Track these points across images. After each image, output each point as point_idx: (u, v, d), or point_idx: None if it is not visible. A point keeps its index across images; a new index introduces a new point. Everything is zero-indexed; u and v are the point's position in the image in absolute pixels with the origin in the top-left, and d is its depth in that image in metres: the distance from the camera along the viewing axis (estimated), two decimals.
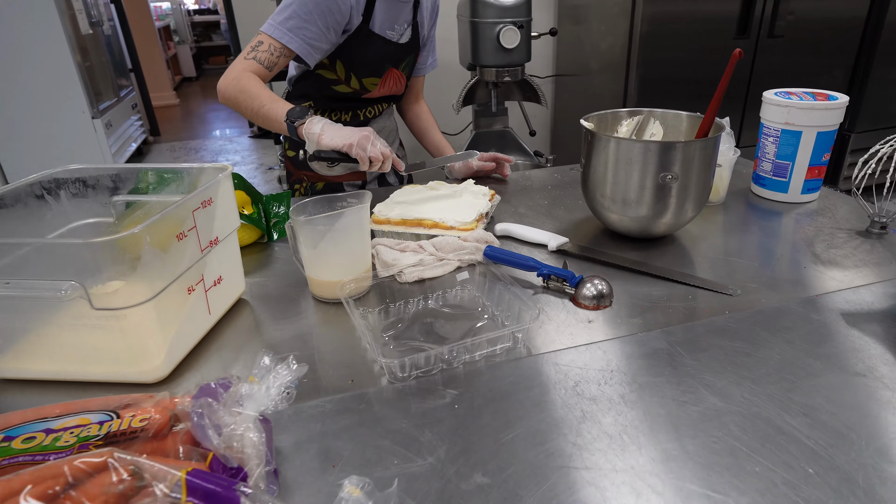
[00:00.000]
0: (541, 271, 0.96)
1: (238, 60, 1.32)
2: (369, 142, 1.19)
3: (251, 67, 1.30)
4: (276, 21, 1.31)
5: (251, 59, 1.31)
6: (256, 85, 1.28)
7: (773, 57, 2.77)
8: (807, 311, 0.86)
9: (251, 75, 1.29)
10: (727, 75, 0.98)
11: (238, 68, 1.30)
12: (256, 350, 0.85)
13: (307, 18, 1.29)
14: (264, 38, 1.31)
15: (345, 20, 1.35)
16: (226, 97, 1.31)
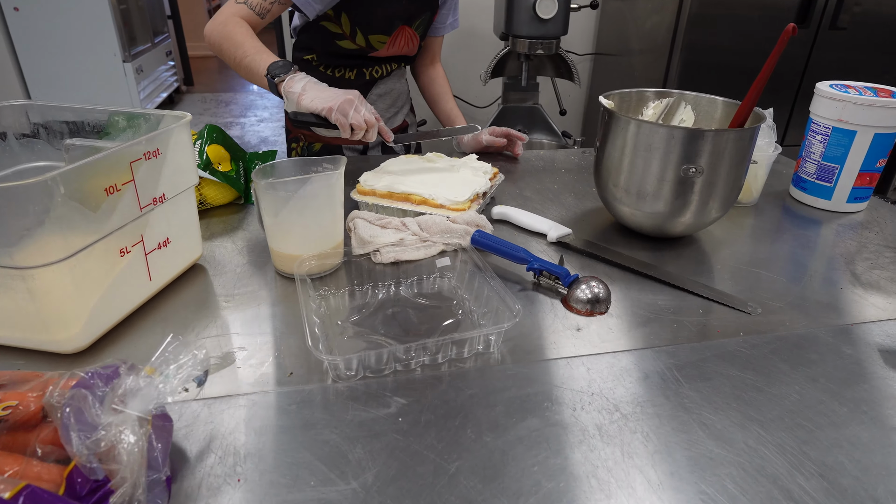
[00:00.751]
0: (531, 265, 0.84)
1: (227, 5, 1.18)
2: (352, 106, 1.04)
3: (241, 13, 1.17)
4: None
5: (242, 4, 1.18)
6: (242, 32, 1.15)
7: (833, 51, 2.55)
8: (838, 343, 0.72)
9: (239, 21, 1.16)
10: (776, 53, 0.83)
11: (227, 13, 1.17)
12: (206, 324, 0.75)
13: None
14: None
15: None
16: (210, 42, 1.17)
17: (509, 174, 1.27)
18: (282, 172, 0.88)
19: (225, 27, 1.15)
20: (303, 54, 1.42)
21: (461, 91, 3.03)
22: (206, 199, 1.07)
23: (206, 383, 0.55)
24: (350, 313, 0.78)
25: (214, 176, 1.05)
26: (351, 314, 0.78)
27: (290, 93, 1.06)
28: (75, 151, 0.89)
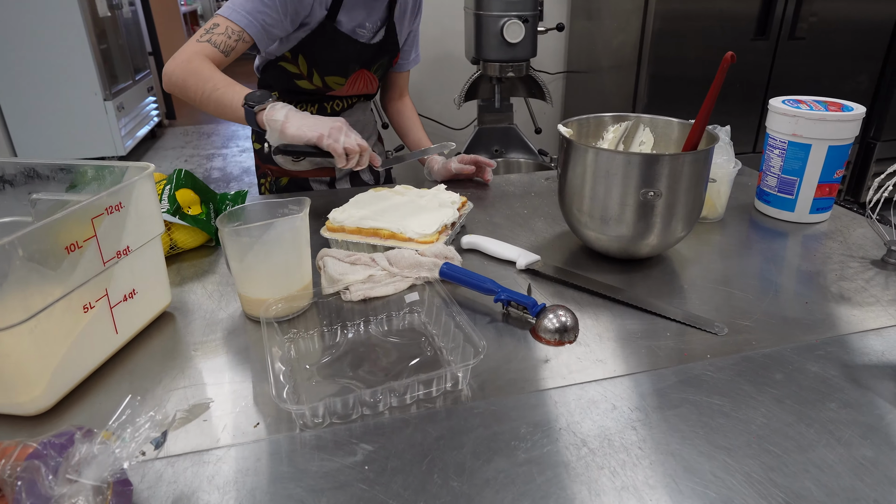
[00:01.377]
0: (499, 296, 0.84)
1: (189, 44, 1.15)
2: (342, 133, 1.03)
3: (205, 51, 1.14)
4: (233, 4, 1.17)
5: (205, 42, 1.15)
6: (210, 67, 1.12)
7: (794, 60, 2.60)
8: (803, 361, 0.73)
9: (204, 58, 1.13)
10: (717, 82, 0.85)
11: (189, 51, 1.14)
12: (174, 375, 0.75)
13: (269, 2, 1.16)
14: (220, 21, 1.16)
15: (305, 10, 1.22)
16: (172, 81, 1.13)
17: (480, 200, 1.28)
18: (248, 216, 0.89)
19: (189, 63, 1.12)
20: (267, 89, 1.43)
21: (437, 114, 3.06)
22: (176, 243, 1.07)
23: (164, 444, 0.55)
24: (319, 355, 0.78)
25: (184, 220, 1.05)
26: (321, 356, 0.78)
27: (273, 121, 1.04)
28: (41, 205, 0.88)
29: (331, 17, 1.26)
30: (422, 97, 3.00)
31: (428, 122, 3.04)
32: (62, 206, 0.86)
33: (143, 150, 4.99)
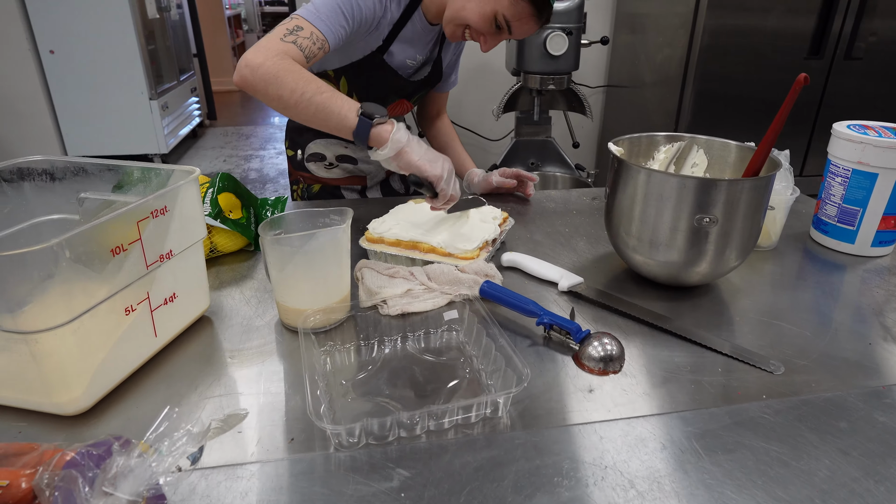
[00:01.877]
0: (541, 319, 0.81)
1: (272, 40, 1.05)
2: (453, 178, 1.04)
3: (291, 52, 1.03)
4: (317, 9, 1.09)
5: (290, 43, 1.04)
6: (303, 70, 1.03)
7: (849, 81, 2.52)
8: (870, 409, 0.69)
9: (292, 60, 1.03)
10: (788, 104, 0.81)
11: (277, 48, 1.03)
12: (210, 382, 0.74)
13: (348, 18, 1.12)
14: (304, 24, 1.07)
15: (366, 35, 1.20)
16: (260, 74, 1.01)
17: (520, 216, 1.26)
18: (289, 224, 0.88)
19: (283, 60, 1.02)
20: None
21: (475, 125, 3.04)
22: (216, 246, 1.06)
23: (201, 458, 0.53)
24: (356, 371, 0.76)
25: (225, 224, 1.05)
26: (356, 372, 0.76)
27: (397, 140, 0.99)
28: (88, 204, 0.89)
29: (382, 49, 1.25)
30: (460, 107, 2.99)
31: (465, 132, 3.03)
32: (108, 206, 0.87)
33: (184, 149, 5.08)
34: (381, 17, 1.19)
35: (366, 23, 1.16)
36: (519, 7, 1.12)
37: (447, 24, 1.19)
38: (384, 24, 1.21)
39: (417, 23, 1.25)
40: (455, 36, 1.20)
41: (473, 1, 1.13)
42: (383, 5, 1.17)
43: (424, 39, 1.30)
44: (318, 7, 1.10)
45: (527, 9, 1.12)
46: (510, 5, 1.11)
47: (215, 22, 7.05)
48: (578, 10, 2.24)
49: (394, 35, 1.24)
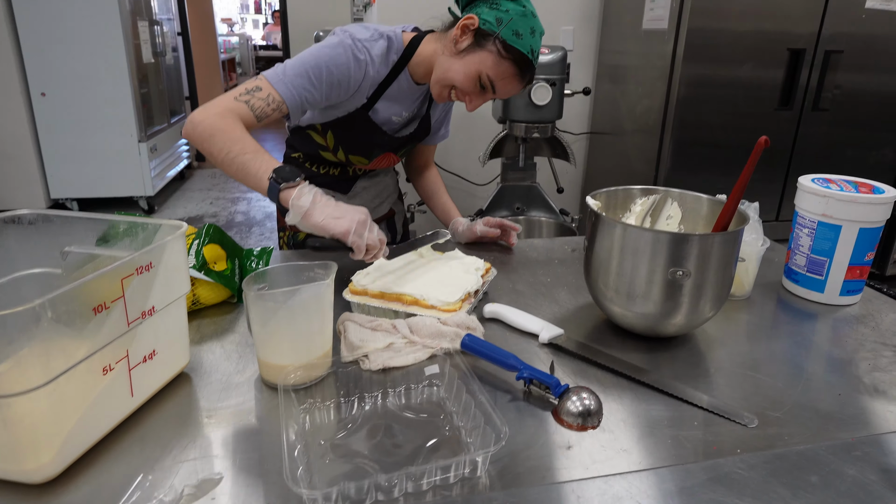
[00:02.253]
0: (521, 374, 0.82)
1: (224, 99, 1.12)
2: (366, 227, 1.03)
3: (240, 111, 1.11)
4: (282, 72, 1.16)
5: (242, 103, 1.12)
6: (241, 129, 1.09)
7: (818, 130, 2.61)
8: (840, 463, 0.70)
9: (237, 118, 1.10)
10: (751, 163, 0.85)
11: (223, 106, 1.10)
12: (185, 444, 0.73)
13: (315, 83, 1.17)
14: (264, 85, 1.14)
15: (344, 97, 1.24)
16: (198, 132, 1.08)
17: (503, 265, 1.28)
18: (273, 278, 0.88)
19: (223, 119, 1.09)
20: (291, 152, 1.48)
21: (462, 170, 3.09)
22: (199, 299, 1.07)
23: None
24: (335, 430, 0.76)
25: (209, 277, 1.05)
26: (336, 431, 0.76)
27: (298, 206, 1.01)
28: (72, 258, 0.89)
29: (367, 106, 1.29)
30: (447, 153, 3.04)
31: (452, 177, 3.07)
32: (92, 260, 0.87)
33: (171, 191, 5.09)
34: (361, 80, 1.22)
35: (341, 86, 1.20)
36: (503, 67, 1.16)
37: (434, 85, 1.23)
38: (365, 85, 1.24)
39: (404, 82, 1.29)
40: (441, 97, 1.24)
41: (458, 62, 1.17)
42: (362, 69, 1.21)
43: (411, 98, 1.34)
44: (286, 70, 1.16)
45: (510, 69, 1.16)
46: (494, 66, 1.15)
47: (210, 65, 7.16)
48: (562, 62, 2.32)
49: (379, 93, 1.28)
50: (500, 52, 1.15)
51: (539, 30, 1.19)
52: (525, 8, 1.17)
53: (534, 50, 1.18)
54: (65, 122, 4.07)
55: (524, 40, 1.15)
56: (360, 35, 1.21)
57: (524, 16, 1.16)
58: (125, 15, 3.99)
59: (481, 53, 1.16)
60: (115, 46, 3.99)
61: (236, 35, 9.36)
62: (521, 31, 1.15)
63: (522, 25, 1.15)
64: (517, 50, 1.15)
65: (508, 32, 1.14)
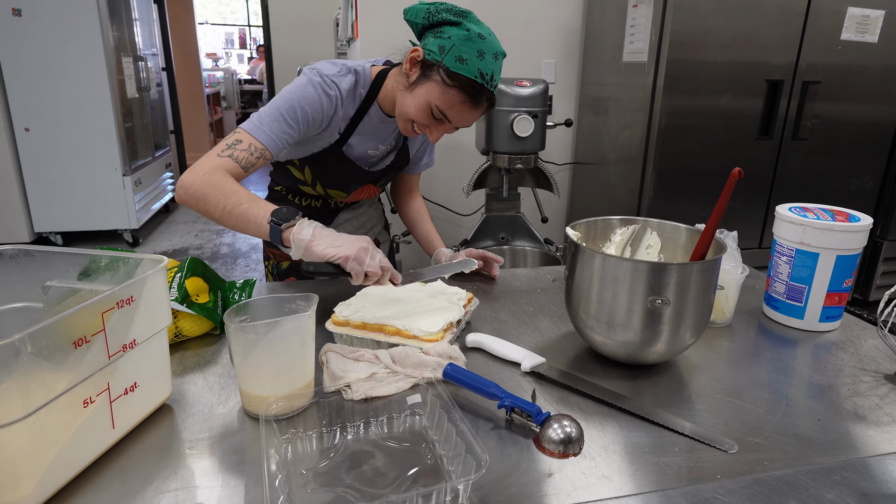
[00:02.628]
0: (503, 402, 0.82)
1: (209, 158, 1.15)
2: (367, 254, 1.05)
3: (226, 165, 1.14)
4: (259, 121, 1.19)
5: (226, 157, 1.15)
6: (231, 182, 1.13)
7: (798, 159, 2.66)
8: (818, 487, 0.70)
9: (225, 172, 1.14)
10: (725, 195, 0.87)
11: (210, 164, 1.14)
12: (166, 475, 0.73)
13: (292, 124, 1.20)
14: (244, 137, 1.17)
15: (316, 130, 1.27)
16: (190, 194, 1.12)
17: (486, 294, 1.29)
18: (256, 310, 0.89)
19: (212, 177, 1.12)
20: (274, 185, 1.50)
21: (446, 200, 3.12)
22: (181, 331, 1.07)
23: None
24: (317, 459, 0.76)
25: (191, 309, 1.05)
26: (318, 460, 0.76)
27: (300, 240, 1.05)
28: (53, 293, 0.89)
29: (341, 141, 1.31)
30: (432, 183, 3.07)
31: (436, 207, 3.10)
32: (73, 294, 0.88)
33: (155, 224, 5.09)
34: (333, 115, 1.25)
35: (315, 123, 1.23)
36: (449, 95, 1.15)
37: (398, 120, 1.26)
38: (337, 121, 1.27)
39: (374, 116, 1.32)
40: (407, 130, 1.25)
41: (409, 96, 1.19)
42: (333, 104, 1.24)
43: (385, 130, 1.36)
44: (262, 117, 1.19)
45: (458, 96, 1.15)
46: (441, 95, 1.16)
47: (195, 99, 7.23)
48: (543, 94, 2.36)
49: (351, 129, 1.30)
50: (444, 81, 1.15)
51: (491, 51, 1.15)
52: (469, 31, 1.14)
53: (483, 73, 1.14)
54: (49, 157, 4.09)
55: (470, 65, 1.13)
56: (327, 71, 1.24)
57: (468, 40, 1.13)
58: (109, 51, 4.04)
59: (428, 84, 1.17)
60: (100, 82, 4.04)
61: (221, 69, 9.45)
62: (466, 56, 1.13)
63: (467, 50, 1.13)
64: (462, 76, 1.14)
65: (451, 59, 1.13)
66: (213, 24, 11.21)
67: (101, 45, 3.97)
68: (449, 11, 1.16)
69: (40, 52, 3.89)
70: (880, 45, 2.58)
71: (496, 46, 1.17)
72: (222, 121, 9.11)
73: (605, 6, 2.81)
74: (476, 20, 1.17)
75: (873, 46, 2.58)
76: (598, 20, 2.89)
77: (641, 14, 2.50)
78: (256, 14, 10.31)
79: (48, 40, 3.88)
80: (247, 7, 11.28)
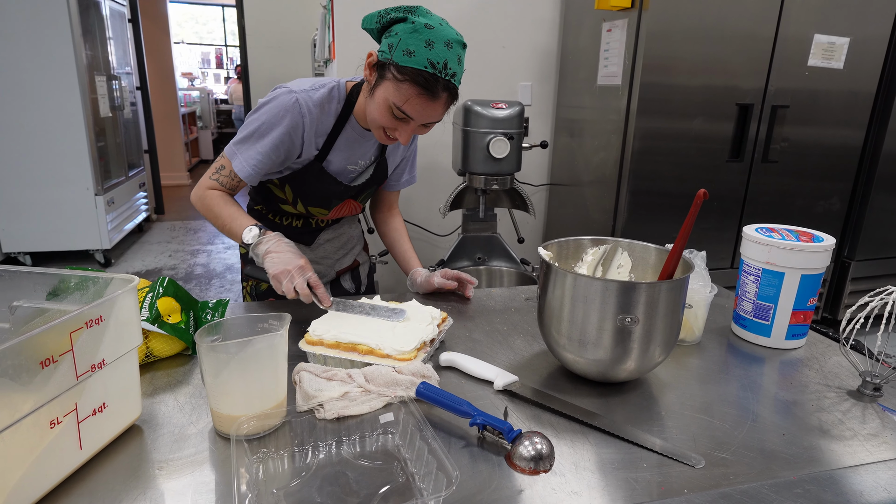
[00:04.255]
0: (474, 420, 0.83)
1: (206, 178, 1.32)
2: (287, 276, 1.15)
3: (215, 187, 1.31)
4: (237, 147, 1.29)
5: (215, 181, 1.31)
6: (218, 204, 1.29)
7: (768, 181, 2.73)
8: (782, 500, 0.72)
9: (214, 194, 1.30)
10: (691, 215, 0.89)
11: (204, 186, 1.32)
12: (135, 496, 0.72)
13: (264, 151, 1.27)
14: (227, 164, 1.30)
15: (294, 155, 1.32)
16: (198, 208, 1.33)
17: (460, 314, 1.29)
18: (228, 330, 0.89)
19: (203, 201, 1.31)
20: (254, 204, 1.50)
21: (423, 221, 3.13)
22: (153, 351, 1.06)
23: None
24: (289, 479, 0.76)
25: (163, 329, 1.05)
26: (290, 480, 0.76)
27: (257, 255, 1.21)
28: (20, 313, 0.88)
29: (320, 157, 1.33)
30: (410, 204, 3.08)
31: (413, 228, 3.11)
32: (41, 314, 0.87)
33: (128, 244, 5.02)
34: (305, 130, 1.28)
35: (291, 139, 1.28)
36: (402, 90, 1.14)
37: (372, 129, 1.27)
38: (311, 135, 1.29)
39: (351, 131, 1.33)
40: (381, 138, 1.26)
41: (372, 100, 1.21)
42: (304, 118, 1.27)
43: (364, 145, 1.38)
44: (239, 143, 1.28)
45: (411, 90, 1.14)
46: (395, 91, 1.15)
47: (170, 119, 7.18)
48: (519, 116, 2.40)
49: (329, 144, 1.31)
50: (395, 77, 1.14)
51: (441, 39, 1.12)
52: (415, 24, 1.12)
53: (434, 62, 1.12)
54: (19, 176, 4.02)
55: (418, 56, 1.11)
56: (297, 87, 1.27)
57: (415, 31, 1.12)
58: (82, 69, 4.00)
59: (384, 84, 1.17)
60: (72, 100, 3.99)
61: (197, 89, 9.43)
62: (413, 48, 1.11)
63: (414, 42, 1.11)
64: (410, 68, 1.12)
65: (399, 54, 1.13)
66: (189, 43, 11.19)
67: (74, 64, 3.94)
68: (397, 10, 1.16)
69: (12, 70, 3.85)
70: (845, 72, 2.68)
71: (448, 34, 1.14)
72: (198, 140, 9.06)
73: (580, 30, 2.87)
74: (425, 13, 1.17)
75: (839, 72, 2.67)
76: (573, 43, 2.95)
77: (615, 38, 2.56)
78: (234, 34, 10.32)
79: (20, 58, 3.84)
80: (224, 27, 11.29)
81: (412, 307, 1.16)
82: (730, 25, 2.46)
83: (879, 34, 2.70)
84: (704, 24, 2.42)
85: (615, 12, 2.53)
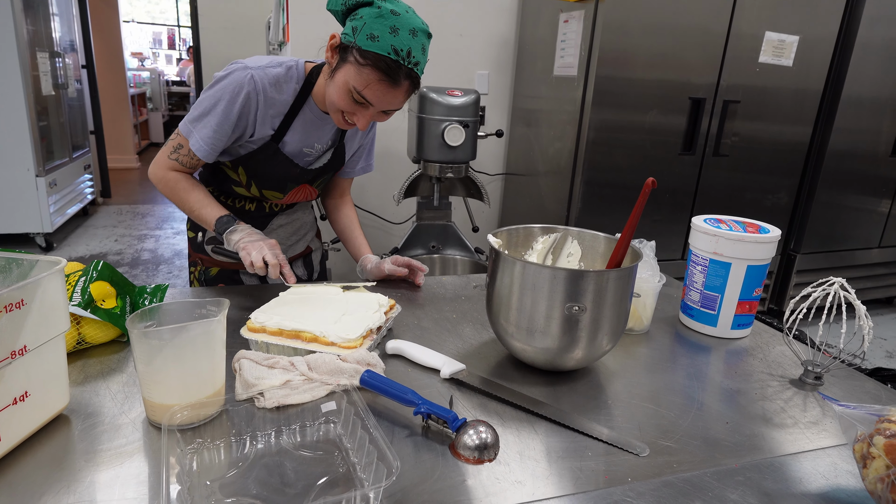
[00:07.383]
0: (419, 409, 0.81)
1: (163, 156, 1.29)
2: (257, 248, 1.17)
3: (175, 167, 1.29)
4: (193, 124, 1.24)
5: (174, 161, 1.28)
6: (184, 187, 1.29)
7: (719, 174, 2.79)
8: (723, 488, 0.72)
9: (177, 176, 1.29)
10: (639, 205, 0.89)
11: (163, 164, 1.29)
12: (58, 489, 0.68)
13: (219, 128, 1.23)
14: (183, 142, 1.26)
15: (250, 131, 1.28)
16: (159, 188, 1.31)
17: (410, 302, 1.27)
18: (164, 316, 0.85)
19: (167, 183, 1.30)
20: (205, 185, 1.43)
21: (378, 208, 3.09)
22: (85, 338, 1.00)
23: None
24: (224, 470, 0.73)
25: (96, 314, 0.99)
26: (225, 471, 0.72)
27: (230, 240, 1.23)
28: None
29: (276, 137, 1.28)
30: (363, 191, 3.04)
31: (367, 215, 3.07)
32: None
33: (72, 228, 4.82)
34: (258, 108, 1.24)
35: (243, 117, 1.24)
36: (364, 74, 1.12)
37: (330, 112, 1.24)
38: (267, 114, 1.24)
39: (309, 112, 1.29)
40: (340, 122, 1.23)
41: (332, 83, 1.18)
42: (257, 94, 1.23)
43: (322, 128, 1.34)
44: (193, 121, 1.25)
45: (372, 74, 1.12)
46: (356, 75, 1.13)
47: (118, 100, 6.90)
48: (475, 104, 2.38)
49: (286, 124, 1.27)
50: (357, 60, 1.12)
51: (407, 27, 1.11)
52: (381, 9, 1.11)
53: (398, 49, 1.10)
54: None
55: (382, 41, 1.09)
56: (253, 64, 1.23)
57: (380, 17, 1.10)
58: (23, 45, 3.81)
59: (345, 67, 1.14)
60: (12, 77, 3.80)
61: (148, 70, 9.10)
62: (377, 33, 1.09)
63: (378, 27, 1.09)
64: (373, 53, 1.10)
65: (363, 38, 1.10)
66: (140, 22, 10.79)
67: (14, 39, 3.74)
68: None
69: None
70: (794, 69, 2.75)
71: (413, 22, 1.13)
72: (148, 122, 8.75)
73: (538, 20, 2.87)
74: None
75: (788, 70, 2.74)
76: (531, 33, 2.95)
77: (572, 29, 2.56)
78: (186, 14, 9.99)
79: None
80: (176, 7, 10.92)
81: (359, 295, 1.14)
82: (684, 20, 2.49)
83: (827, 34, 2.78)
84: (660, 18, 2.45)
85: (572, 3, 2.54)
